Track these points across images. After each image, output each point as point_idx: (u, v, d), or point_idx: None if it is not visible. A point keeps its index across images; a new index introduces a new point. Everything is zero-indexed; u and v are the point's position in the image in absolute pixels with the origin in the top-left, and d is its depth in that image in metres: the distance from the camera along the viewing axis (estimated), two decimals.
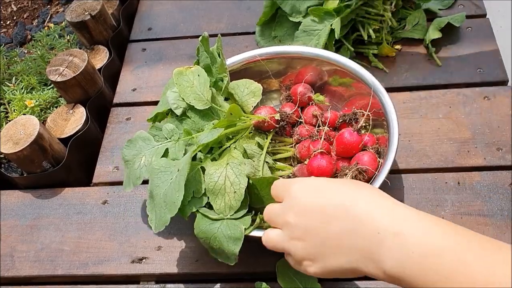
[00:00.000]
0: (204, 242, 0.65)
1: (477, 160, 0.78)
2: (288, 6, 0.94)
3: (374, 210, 0.47)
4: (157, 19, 1.12)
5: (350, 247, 0.47)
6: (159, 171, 0.66)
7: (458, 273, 0.40)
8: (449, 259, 0.41)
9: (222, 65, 0.73)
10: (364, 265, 0.46)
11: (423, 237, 0.43)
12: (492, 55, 0.90)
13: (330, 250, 0.48)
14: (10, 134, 0.83)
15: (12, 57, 1.14)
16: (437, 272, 0.41)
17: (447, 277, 0.41)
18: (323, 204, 0.49)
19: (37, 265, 0.78)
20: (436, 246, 0.42)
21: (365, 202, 0.48)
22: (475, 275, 0.40)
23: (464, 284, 0.40)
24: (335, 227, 0.48)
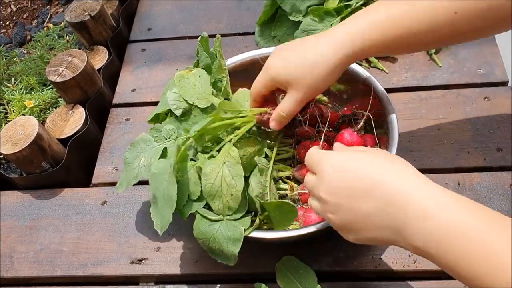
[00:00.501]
0: (204, 243, 0.65)
1: (477, 161, 0.78)
2: (288, 6, 0.94)
3: (401, 187, 0.48)
4: (156, 19, 1.12)
5: (380, 225, 0.49)
6: (158, 173, 0.66)
7: (480, 252, 0.42)
8: (472, 238, 0.43)
9: (221, 66, 0.73)
10: (395, 240, 0.49)
11: (449, 216, 0.44)
12: (492, 56, 0.90)
13: (361, 226, 0.51)
14: (9, 135, 0.83)
15: (12, 57, 1.14)
16: (460, 250, 0.43)
17: (470, 255, 0.42)
18: (350, 181, 0.51)
19: (36, 266, 0.78)
20: (460, 225, 0.44)
21: (392, 177, 0.49)
22: (496, 253, 0.41)
23: (486, 263, 0.41)
24: (363, 206, 0.50)
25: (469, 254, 0.43)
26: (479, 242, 0.42)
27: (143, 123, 0.93)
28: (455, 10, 0.56)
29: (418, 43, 0.62)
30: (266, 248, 0.73)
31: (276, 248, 0.73)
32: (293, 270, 0.69)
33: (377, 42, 0.61)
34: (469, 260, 0.43)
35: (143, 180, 0.85)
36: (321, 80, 0.64)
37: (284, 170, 0.73)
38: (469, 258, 0.43)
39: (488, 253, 0.42)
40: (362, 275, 0.71)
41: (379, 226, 0.49)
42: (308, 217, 0.68)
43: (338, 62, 0.62)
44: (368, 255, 0.71)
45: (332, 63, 0.62)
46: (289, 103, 0.66)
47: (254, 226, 0.65)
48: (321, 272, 0.69)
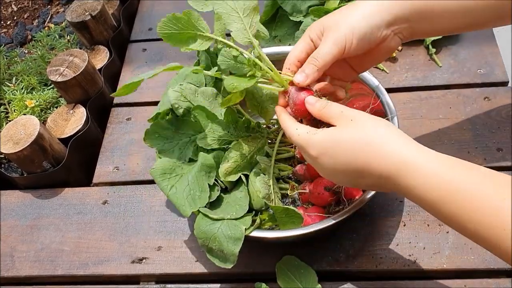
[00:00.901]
0: (203, 243, 0.65)
1: (477, 161, 0.78)
2: (289, 6, 0.94)
3: (386, 163, 0.51)
4: (157, 19, 1.11)
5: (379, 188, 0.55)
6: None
7: (471, 200, 0.46)
8: (462, 188, 0.47)
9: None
10: (386, 189, 0.54)
11: (438, 169, 0.49)
12: (493, 56, 0.90)
13: (355, 181, 0.55)
14: (10, 134, 0.83)
15: (13, 57, 1.14)
16: (451, 199, 0.47)
17: (460, 204, 0.46)
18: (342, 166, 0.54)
19: (37, 265, 0.78)
20: (449, 177, 0.48)
21: (375, 159, 0.52)
22: (486, 201, 0.45)
23: (474, 210, 0.45)
24: (360, 182, 0.55)
25: (461, 201, 0.46)
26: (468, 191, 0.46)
27: (144, 122, 0.94)
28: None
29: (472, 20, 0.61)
30: (266, 248, 0.73)
31: (276, 248, 0.73)
32: (293, 269, 0.69)
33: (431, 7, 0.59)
34: (460, 208, 0.46)
35: (144, 180, 0.86)
36: (361, 18, 0.58)
37: (285, 170, 0.73)
38: (460, 205, 0.46)
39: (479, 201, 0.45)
40: (363, 274, 0.71)
41: (378, 188, 0.56)
42: (308, 216, 0.69)
43: (378, 5, 0.59)
44: (368, 255, 0.71)
45: (372, 5, 0.59)
46: (324, 46, 0.59)
47: (255, 225, 0.65)
48: (321, 272, 0.69)
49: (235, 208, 0.66)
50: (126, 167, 0.88)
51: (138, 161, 0.88)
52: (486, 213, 0.45)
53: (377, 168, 0.51)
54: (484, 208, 0.45)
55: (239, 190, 0.69)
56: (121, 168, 0.88)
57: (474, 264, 0.68)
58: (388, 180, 0.51)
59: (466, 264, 0.68)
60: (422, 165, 0.49)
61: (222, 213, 0.65)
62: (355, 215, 0.65)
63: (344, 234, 0.73)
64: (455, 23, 0.62)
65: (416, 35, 0.63)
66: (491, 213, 0.44)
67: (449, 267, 0.69)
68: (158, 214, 0.81)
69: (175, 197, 0.66)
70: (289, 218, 0.65)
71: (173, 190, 0.67)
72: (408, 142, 0.52)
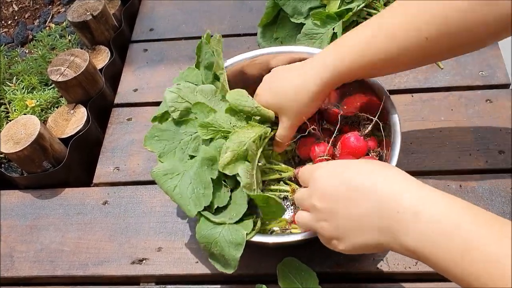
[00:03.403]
0: (205, 248, 0.64)
1: (479, 163, 0.78)
2: (290, 8, 0.94)
3: (392, 189, 0.48)
4: (158, 19, 1.12)
5: (372, 227, 0.49)
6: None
7: (472, 250, 0.42)
8: (464, 237, 0.42)
9: (218, 63, 0.73)
10: (386, 242, 0.48)
11: (440, 216, 0.44)
12: (494, 58, 0.90)
13: (354, 229, 0.51)
14: (10, 134, 0.83)
15: (13, 57, 1.14)
16: (452, 249, 0.43)
17: (462, 254, 0.42)
18: (343, 186, 0.52)
19: (36, 266, 0.78)
20: (451, 225, 0.43)
21: (383, 181, 0.49)
22: (488, 250, 0.41)
23: (478, 261, 0.41)
24: (356, 208, 0.50)
25: (464, 255, 0.42)
26: (474, 243, 0.42)
27: (144, 123, 0.93)
28: (425, 36, 0.57)
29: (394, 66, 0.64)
30: (267, 250, 0.73)
31: (277, 250, 0.72)
32: (294, 271, 0.69)
33: (352, 68, 0.63)
34: (461, 258, 0.42)
35: (144, 180, 0.85)
36: (305, 106, 0.68)
37: (286, 171, 0.73)
38: (464, 258, 0.42)
39: (485, 254, 0.41)
40: (364, 277, 0.71)
41: (372, 228, 0.49)
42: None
43: (318, 89, 0.66)
44: (369, 257, 0.71)
45: (312, 91, 0.66)
46: (282, 129, 0.71)
47: (256, 229, 0.65)
48: (322, 274, 0.69)
49: (235, 210, 0.66)
50: (127, 167, 0.88)
51: (138, 161, 0.88)
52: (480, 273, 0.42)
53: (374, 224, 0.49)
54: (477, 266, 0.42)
55: (239, 189, 0.68)
56: (122, 168, 0.88)
57: None
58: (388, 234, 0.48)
59: None
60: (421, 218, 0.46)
61: (223, 217, 0.65)
62: None
63: None
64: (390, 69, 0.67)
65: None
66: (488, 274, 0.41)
67: None
68: (159, 214, 0.80)
69: (178, 197, 0.65)
70: (269, 208, 0.64)
71: (176, 190, 0.66)
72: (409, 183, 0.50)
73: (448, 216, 0.44)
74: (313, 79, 0.65)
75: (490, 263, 0.41)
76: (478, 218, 0.44)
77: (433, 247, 0.44)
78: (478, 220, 0.44)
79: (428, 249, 0.44)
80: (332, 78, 0.64)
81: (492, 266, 0.40)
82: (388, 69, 0.66)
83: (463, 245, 0.42)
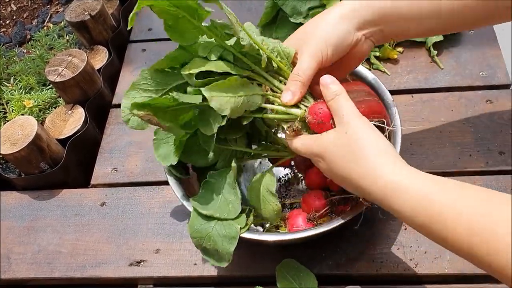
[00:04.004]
0: (198, 243, 0.64)
1: (479, 164, 0.78)
2: (289, 7, 0.93)
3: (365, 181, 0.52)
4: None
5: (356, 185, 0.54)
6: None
7: (462, 222, 0.45)
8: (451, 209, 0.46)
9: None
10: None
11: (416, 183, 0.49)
12: (495, 59, 0.89)
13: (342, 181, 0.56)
14: (8, 135, 0.82)
15: (11, 57, 1.13)
16: (427, 212, 0.47)
17: (450, 226, 0.46)
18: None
19: (34, 268, 0.77)
20: (437, 198, 0.48)
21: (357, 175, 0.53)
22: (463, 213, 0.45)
23: (453, 224, 0.45)
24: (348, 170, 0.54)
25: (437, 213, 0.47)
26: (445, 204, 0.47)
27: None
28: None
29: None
30: (266, 251, 0.72)
31: (276, 251, 0.72)
32: (293, 273, 0.68)
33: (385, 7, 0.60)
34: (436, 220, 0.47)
35: (143, 181, 0.85)
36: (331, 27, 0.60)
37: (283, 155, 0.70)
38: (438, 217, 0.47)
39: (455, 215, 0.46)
40: (363, 279, 0.70)
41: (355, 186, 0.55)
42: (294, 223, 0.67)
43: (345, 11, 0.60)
44: (369, 259, 0.70)
45: (339, 13, 0.60)
46: (302, 61, 0.60)
47: (250, 224, 0.64)
48: (321, 276, 0.69)
49: (227, 209, 0.65)
50: (125, 168, 0.87)
51: (136, 162, 0.88)
52: (478, 234, 0.44)
53: (368, 188, 0.52)
54: (476, 229, 0.44)
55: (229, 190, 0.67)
56: (120, 169, 0.87)
57: (475, 269, 0.67)
58: (379, 199, 0.52)
59: (468, 269, 0.68)
60: (409, 189, 0.49)
61: (213, 210, 0.64)
62: (355, 219, 0.64)
63: (344, 237, 0.72)
64: (427, 26, 0.63)
65: (388, 38, 0.64)
66: (483, 234, 0.44)
67: (450, 271, 0.68)
68: (157, 216, 0.80)
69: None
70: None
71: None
72: (395, 164, 0.52)
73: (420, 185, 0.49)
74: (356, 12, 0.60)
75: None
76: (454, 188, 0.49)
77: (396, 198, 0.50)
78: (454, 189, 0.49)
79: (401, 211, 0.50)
80: (378, 16, 0.60)
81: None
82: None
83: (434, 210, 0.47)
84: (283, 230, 0.68)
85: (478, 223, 0.44)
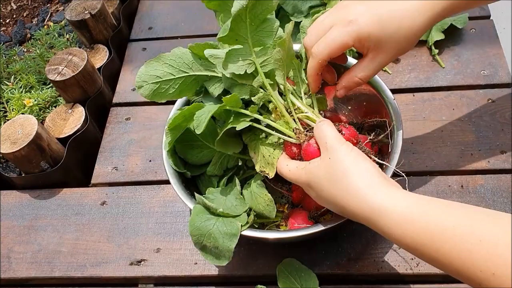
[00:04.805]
0: (197, 240, 0.63)
1: (481, 163, 0.77)
2: (290, 6, 0.93)
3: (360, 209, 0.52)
4: (157, 18, 1.12)
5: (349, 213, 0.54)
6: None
7: (451, 243, 0.44)
8: (438, 231, 0.45)
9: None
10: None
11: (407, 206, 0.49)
12: (496, 57, 0.89)
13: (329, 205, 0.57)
14: (8, 134, 0.82)
15: (11, 55, 1.13)
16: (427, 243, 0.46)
17: (440, 247, 0.45)
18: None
19: (34, 267, 0.77)
20: (423, 220, 0.47)
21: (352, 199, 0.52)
22: (455, 241, 0.44)
23: (445, 252, 0.45)
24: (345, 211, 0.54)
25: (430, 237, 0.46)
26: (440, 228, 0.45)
27: (143, 122, 0.93)
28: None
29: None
30: (267, 250, 0.72)
31: (277, 250, 0.72)
32: (294, 272, 0.68)
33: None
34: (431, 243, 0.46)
35: (143, 180, 0.85)
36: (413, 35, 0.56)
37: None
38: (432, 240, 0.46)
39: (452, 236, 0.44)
40: (364, 278, 0.70)
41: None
42: (294, 222, 0.67)
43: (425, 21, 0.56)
44: (370, 259, 0.70)
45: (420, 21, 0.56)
46: (371, 66, 0.58)
47: (250, 222, 0.64)
48: (322, 275, 0.68)
49: (232, 206, 0.65)
50: (125, 167, 0.87)
51: (137, 161, 0.87)
52: (464, 258, 0.44)
53: (354, 211, 0.52)
54: (459, 253, 0.44)
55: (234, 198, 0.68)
56: (120, 168, 0.87)
57: None
58: (367, 222, 0.52)
59: None
60: (393, 211, 0.49)
61: (217, 205, 0.64)
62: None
63: (345, 237, 0.72)
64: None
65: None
66: (469, 258, 0.43)
67: None
68: (157, 215, 0.80)
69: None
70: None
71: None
72: (381, 185, 0.51)
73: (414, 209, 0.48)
74: (423, 9, 0.55)
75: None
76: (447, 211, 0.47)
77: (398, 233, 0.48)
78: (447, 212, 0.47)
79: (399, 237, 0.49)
80: (443, 7, 0.56)
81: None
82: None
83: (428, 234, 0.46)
84: (283, 228, 0.68)
85: (467, 238, 0.44)
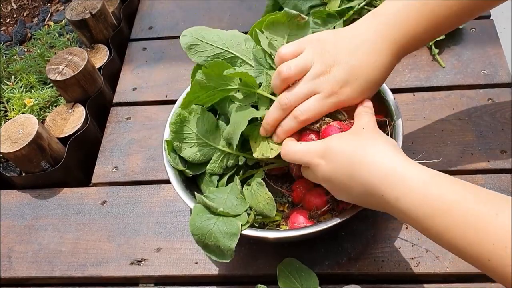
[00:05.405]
0: (199, 239, 0.63)
1: (481, 163, 0.77)
2: (290, 6, 0.93)
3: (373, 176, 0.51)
4: (158, 18, 1.12)
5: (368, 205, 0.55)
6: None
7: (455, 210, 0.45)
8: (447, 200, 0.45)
9: None
10: (372, 205, 0.54)
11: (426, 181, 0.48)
12: (496, 57, 0.89)
13: (346, 192, 0.55)
14: (8, 133, 0.82)
15: (12, 55, 1.13)
16: (440, 215, 0.45)
17: (449, 220, 0.45)
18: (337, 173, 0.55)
19: (34, 266, 0.77)
20: (438, 191, 0.47)
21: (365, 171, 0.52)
22: (471, 213, 0.44)
23: (458, 223, 0.44)
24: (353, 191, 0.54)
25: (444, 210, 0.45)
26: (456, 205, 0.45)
27: (143, 122, 0.93)
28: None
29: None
30: (267, 250, 0.72)
31: (277, 250, 0.72)
32: (294, 272, 0.68)
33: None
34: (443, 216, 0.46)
35: (144, 180, 0.85)
36: (380, 73, 0.61)
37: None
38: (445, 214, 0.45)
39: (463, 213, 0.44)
40: (364, 278, 0.70)
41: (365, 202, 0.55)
42: (295, 221, 0.67)
43: (393, 54, 0.61)
44: (370, 258, 0.70)
45: (386, 54, 0.60)
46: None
47: (250, 221, 0.64)
48: (322, 275, 0.68)
49: (232, 206, 0.65)
50: (126, 167, 0.87)
51: (137, 161, 0.88)
52: (478, 229, 0.43)
53: (360, 178, 0.51)
54: (475, 224, 0.43)
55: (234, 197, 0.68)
56: (121, 168, 0.87)
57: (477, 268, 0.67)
58: (372, 192, 0.50)
59: (469, 268, 0.66)
60: (409, 176, 0.48)
61: (217, 204, 0.64)
62: (356, 217, 0.64)
63: (345, 236, 0.72)
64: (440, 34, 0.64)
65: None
66: (483, 229, 0.43)
67: (452, 271, 0.68)
68: (158, 215, 0.80)
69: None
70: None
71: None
72: (396, 154, 0.51)
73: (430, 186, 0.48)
74: (386, 45, 0.59)
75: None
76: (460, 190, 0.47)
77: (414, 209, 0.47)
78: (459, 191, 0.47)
79: (411, 213, 0.48)
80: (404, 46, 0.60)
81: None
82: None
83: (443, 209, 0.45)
84: (284, 228, 0.68)
85: (475, 216, 0.44)
